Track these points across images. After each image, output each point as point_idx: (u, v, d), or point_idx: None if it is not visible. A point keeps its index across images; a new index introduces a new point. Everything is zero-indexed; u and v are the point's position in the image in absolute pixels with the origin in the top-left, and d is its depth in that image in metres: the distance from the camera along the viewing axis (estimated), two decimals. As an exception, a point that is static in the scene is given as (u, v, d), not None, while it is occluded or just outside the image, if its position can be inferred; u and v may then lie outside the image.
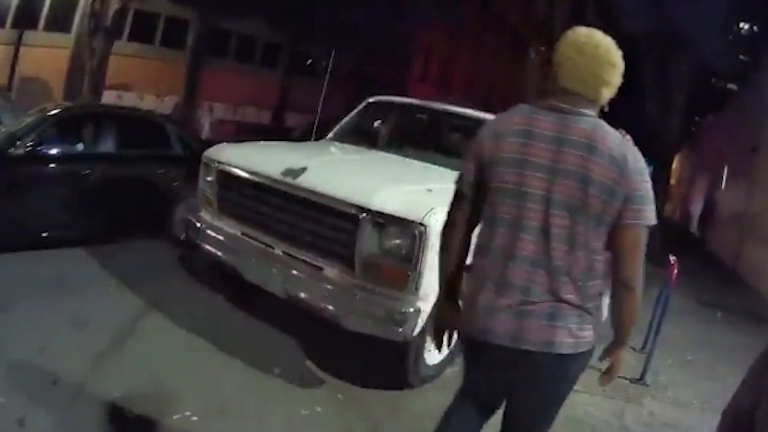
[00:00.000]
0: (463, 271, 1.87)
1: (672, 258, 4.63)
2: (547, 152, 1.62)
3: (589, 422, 3.48)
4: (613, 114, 1.88)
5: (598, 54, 1.66)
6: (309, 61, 15.89)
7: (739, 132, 16.78)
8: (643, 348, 4.91)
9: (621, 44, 1.73)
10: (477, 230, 1.81)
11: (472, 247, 1.83)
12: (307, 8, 17.05)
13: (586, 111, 1.66)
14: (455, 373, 3.61)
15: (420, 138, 5.03)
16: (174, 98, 17.90)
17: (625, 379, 4.23)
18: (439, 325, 1.98)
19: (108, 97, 14.11)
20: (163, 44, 18.11)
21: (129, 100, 17.28)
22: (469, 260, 1.84)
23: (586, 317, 1.67)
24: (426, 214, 2.95)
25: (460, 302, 1.85)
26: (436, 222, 2.96)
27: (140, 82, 17.24)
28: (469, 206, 1.79)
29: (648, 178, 1.66)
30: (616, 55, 1.68)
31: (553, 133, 1.63)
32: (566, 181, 1.60)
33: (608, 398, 3.79)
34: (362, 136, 4.94)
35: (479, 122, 4.91)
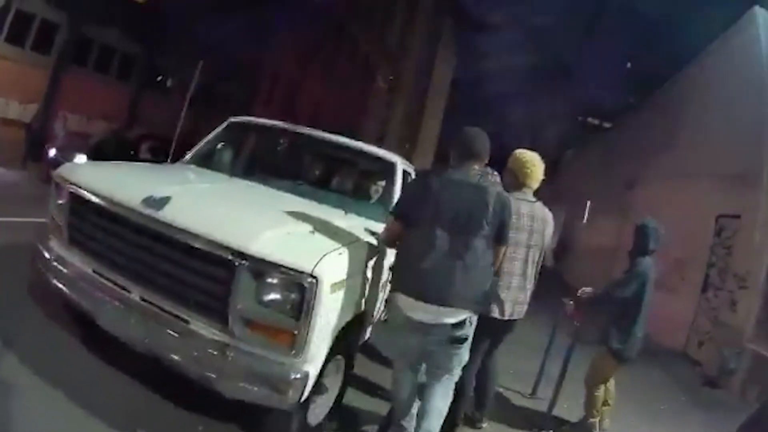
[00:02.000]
0: None
1: (567, 300, 4.47)
2: (529, 222, 3.47)
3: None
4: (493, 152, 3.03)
5: (540, 167, 3.58)
6: (160, 77, 15.43)
7: (609, 168, 17.97)
8: (533, 393, 4.81)
9: (486, 83, 1.59)
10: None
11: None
12: (165, 22, 17.00)
13: (534, 197, 3.60)
14: None
15: (285, 165, 4.67)
16: (35, 106, 16.47)
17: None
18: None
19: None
20: (34, 48, 16.67)
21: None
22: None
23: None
24: (317, 263, 2.52)
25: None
26: (327, 273, 2.56)
27: (7, 87, 15.74)
28: None
29: None
30: (543, 164, 3.62)
31: (528, 212, 3.48)
32: (536, 236, 3.49)
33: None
34: (222, 160, 4.49)
35: (345, 149, 4.53)
